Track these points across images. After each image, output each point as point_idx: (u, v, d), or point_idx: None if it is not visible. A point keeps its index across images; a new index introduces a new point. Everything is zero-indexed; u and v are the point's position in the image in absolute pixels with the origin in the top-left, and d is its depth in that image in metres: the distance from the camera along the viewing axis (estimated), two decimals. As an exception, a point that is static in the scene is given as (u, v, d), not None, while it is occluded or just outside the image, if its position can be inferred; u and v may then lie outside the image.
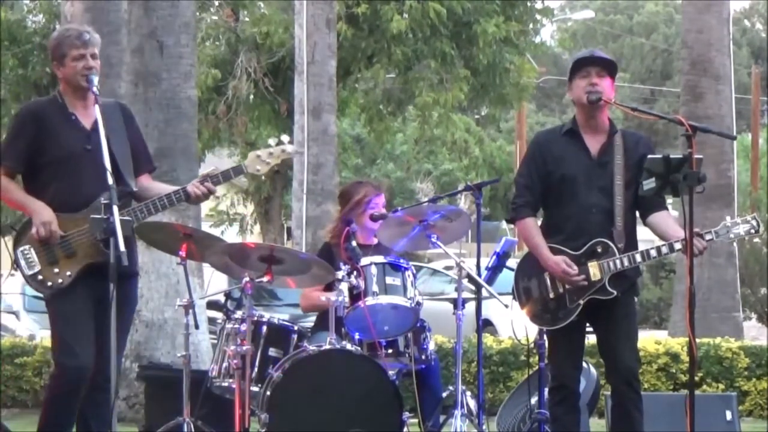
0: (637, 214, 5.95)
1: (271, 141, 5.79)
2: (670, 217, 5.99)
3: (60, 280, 5.56)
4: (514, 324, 6.18)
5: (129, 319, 5.84)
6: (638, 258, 5.80)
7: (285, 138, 5.79)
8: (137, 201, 5.74)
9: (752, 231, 5.84)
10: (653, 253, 5.80)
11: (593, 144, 5.89)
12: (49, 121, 5.63)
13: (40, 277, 5.58)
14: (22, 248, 5.59)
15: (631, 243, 5.84)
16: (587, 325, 5.97)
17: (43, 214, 5.52)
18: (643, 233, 6.05)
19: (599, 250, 5.79)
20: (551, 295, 5.84)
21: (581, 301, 5.79)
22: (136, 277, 5.87)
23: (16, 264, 5.61)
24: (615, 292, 5.77)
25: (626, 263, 5.77)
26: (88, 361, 5.54)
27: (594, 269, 5.78)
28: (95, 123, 5.54)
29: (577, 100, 5.89)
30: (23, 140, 5.63)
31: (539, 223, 6.02)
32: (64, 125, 5.62)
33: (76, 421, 5.73)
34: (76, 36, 5.62)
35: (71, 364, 5.55)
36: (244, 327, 5.90)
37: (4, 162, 5.67)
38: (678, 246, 5.70)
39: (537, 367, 6.56)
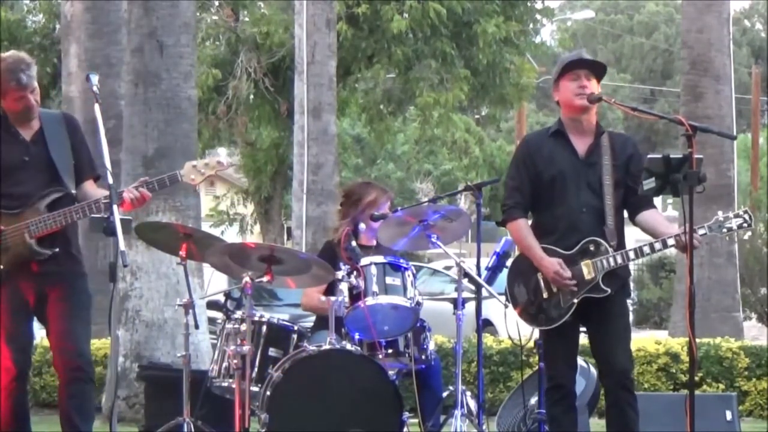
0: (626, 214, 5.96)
1: (222, 151, 5.76)
2: (658, 214, 6.00)
3: None
4: (509, 324, 6.16)
5: (79, 315, 5.74)
6: (632, 255, 5.80)
7: (222, 150, 5.78)
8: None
9: (745, 225, 5.84)
10: (646, 249, 5.81)
11: (580, 145, 5.90)
12: None
13: None
14: None
15: (621, 242, 5.85)
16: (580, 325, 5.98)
17: None
18: (640, 234, 6.05)
19: (592, 248, 5.79)
20: (545, 296, 5.84)
21: (575, 300, 5.79)
22: (77, 278, 5.80)
23: None
24: (609, 290, 5.77)
25: (619, 260, 5.78)
26: (15, 357, 5.63)
27: (587, 268, 5.78)
28: (35, 135, 5.73)
29: (565, 102, 5.88)
30: None
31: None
32: (5, 137, 5.72)
33: (60, 421, 5.73)
34: (16, 80, 5.65)
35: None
36: (244, 327, 5.90)
37: None
38: (671, 242, 5.70)
39: (535, 367, 6.55)
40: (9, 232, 5.65)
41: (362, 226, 6.59)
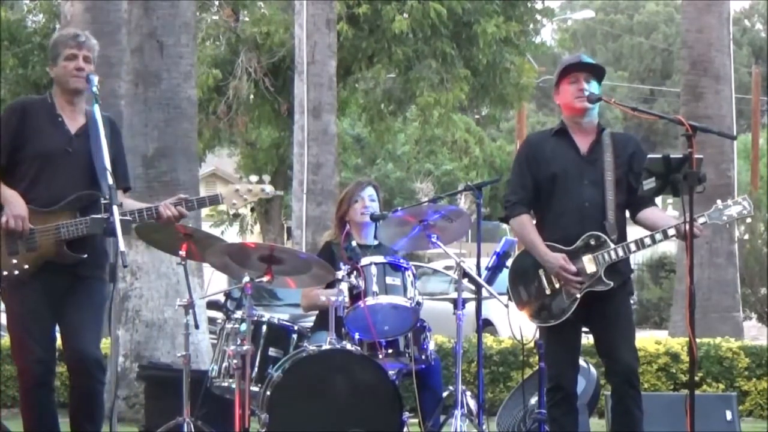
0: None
1: (253, 178, 5.70)
2: (659, 210, 6.04)
3: (16, 271, 5.49)
4: (512, 324, 6.17)
5: (93, 315, 5.60)
6: (633, 247, 5.82)
7: (266, 178, 5.73)
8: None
9: (744, 212, 5.85)
10: (647, 241, 5.82)
11: (582, 143, 5.95)
12: (35, 118, 5.62)
13: None
14: None
15: (622, 237, 5.87)
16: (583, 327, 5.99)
17: (17, 206, 5.47)
18: (641, 233, 6.06)
19: (593, 243, 5.82)
20: (547, 292, 5.86)
21: (578, 295, 5.80)
22: (96, 281, 5.64)
23: None
24: (612, 283, 5.78)
25: (621, 253, 5.80)
26: (43, 355, 5.51)
27: (589, 262, 5.80)
28: (80, 129, 5.61)
29: (565, 104, 5.94)
30: (6, 134, 5.60)
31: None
32: (48, 125, 5.61)
33: (70, 424, 5.66)
34: (72, 36, 5.65)
35: (25, 361, 5.53)
36: (244, 327, 5.90)
37: None
38: (671, 232, 5.72)
39: (535, 367, 6.55)
40: (40, 231, 5.48)
41: (347, 226, 6.63)
